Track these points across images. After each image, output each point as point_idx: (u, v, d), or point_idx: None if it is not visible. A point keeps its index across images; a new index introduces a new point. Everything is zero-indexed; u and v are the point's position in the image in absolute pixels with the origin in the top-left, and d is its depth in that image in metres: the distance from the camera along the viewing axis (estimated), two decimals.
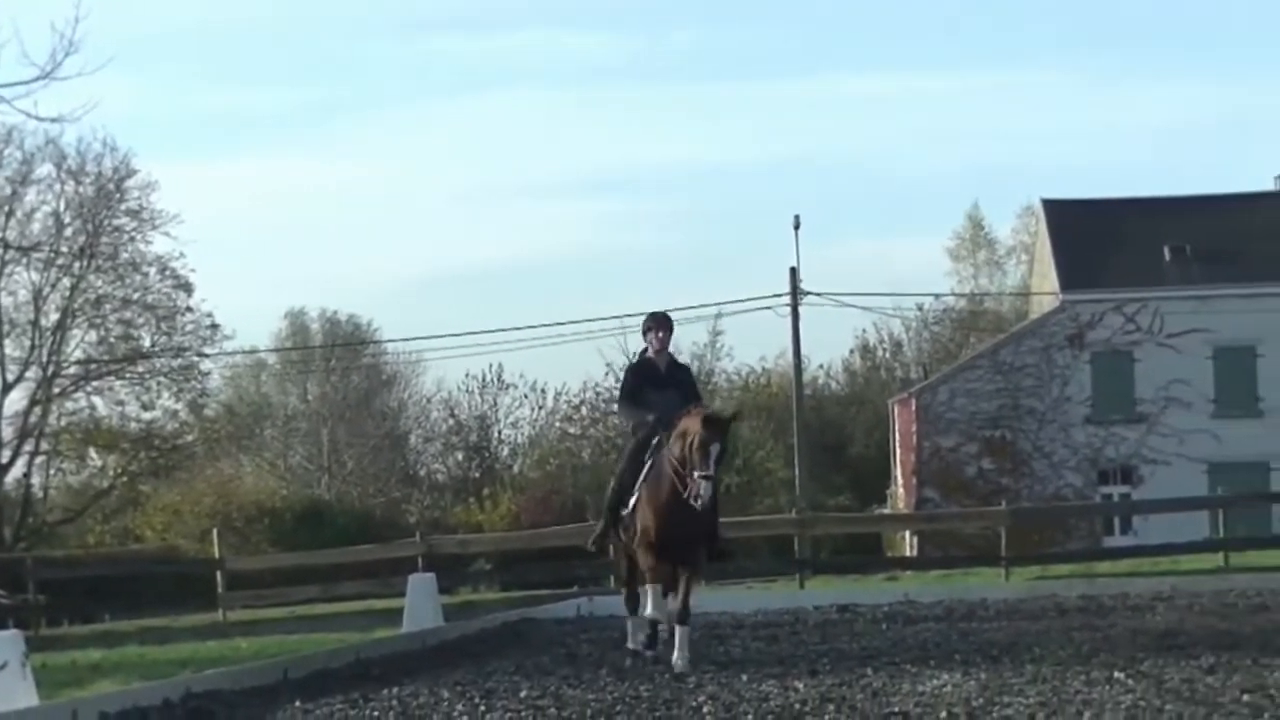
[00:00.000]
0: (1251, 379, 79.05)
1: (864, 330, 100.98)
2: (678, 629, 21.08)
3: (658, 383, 22.42)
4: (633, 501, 21.77)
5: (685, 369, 23.81)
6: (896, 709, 17.29)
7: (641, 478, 21.72)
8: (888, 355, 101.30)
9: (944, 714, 16.71)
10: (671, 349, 23.50)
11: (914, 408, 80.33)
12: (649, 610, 21.75)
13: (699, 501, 20.50)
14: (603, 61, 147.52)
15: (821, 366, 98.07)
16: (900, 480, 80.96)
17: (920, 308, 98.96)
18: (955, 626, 25.88)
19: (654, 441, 21.75)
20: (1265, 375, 78.23)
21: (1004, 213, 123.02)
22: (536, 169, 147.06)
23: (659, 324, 22.70)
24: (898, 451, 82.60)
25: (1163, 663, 19.94)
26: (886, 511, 78.25)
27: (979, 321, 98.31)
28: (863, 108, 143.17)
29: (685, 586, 21.37)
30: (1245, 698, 16.95)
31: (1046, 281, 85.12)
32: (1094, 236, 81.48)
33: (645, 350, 23.27)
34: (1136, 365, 77.29)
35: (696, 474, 20.41)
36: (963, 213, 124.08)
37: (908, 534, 66.13)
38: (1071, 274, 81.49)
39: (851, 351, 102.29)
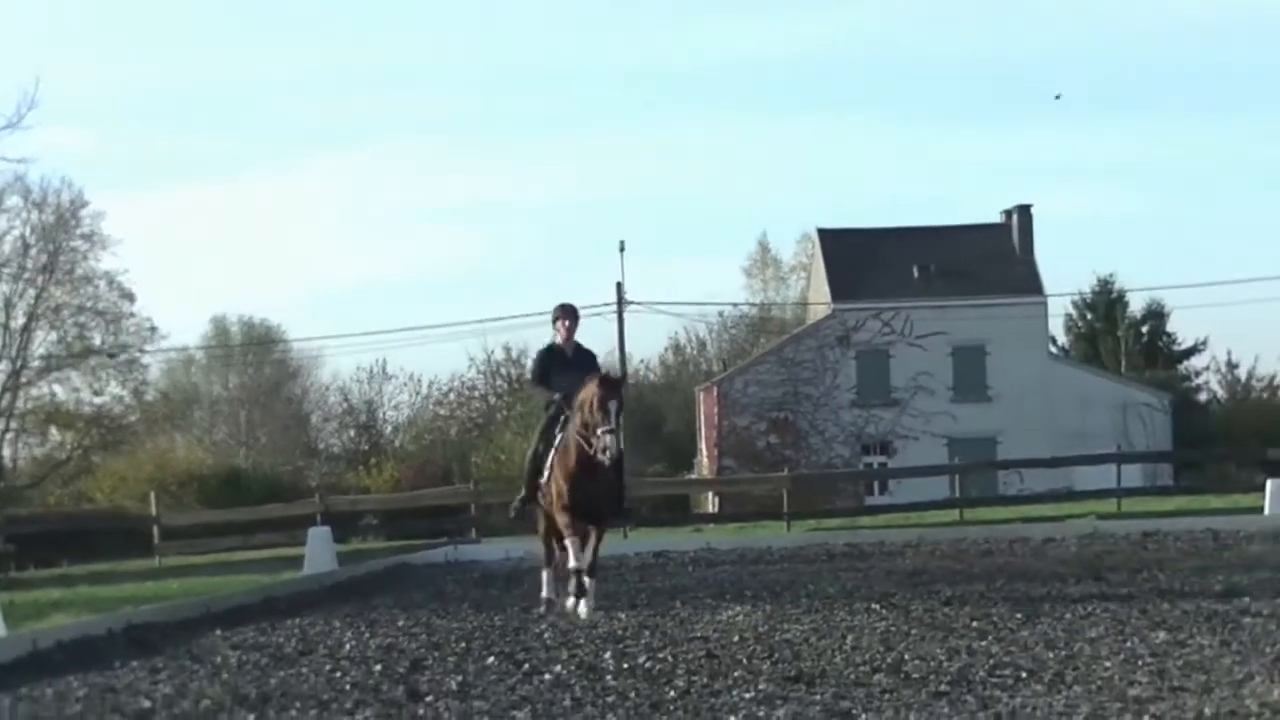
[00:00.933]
0: (981, 372, 79.77)
1: (676, 332, 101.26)
2: (586, 580, 20.04)
3: (564, 366, 21.01)
4: (547, 470, 20.48)
5: (590, 354, 21.87)
6: (699, 634, 17.31)
7: (553, 449, 20.43)
8: (694, 352, 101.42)
9: (736, 638, 16.74)
10: (579, 337, 21.85)
11: (715, 394, 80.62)
12: (572, 563, 20.09)
13: (607, 454, 19.15)
14: (458, 117, 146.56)
15: (642, 361, 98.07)
16: (704, 452, 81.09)
17: (721, 314, 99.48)
18: (747, 569, 25.93)
19: (562, 418, 20.46)
20: (992, 369, 79.15)
21: (787, 239, 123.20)
22: (412, 201, 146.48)
23: (566, 314, 21.46)
24: (703, 429, 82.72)
25: (910, 596, 20.05)
26: (693, 477, 78.25)
27: (767, 326, 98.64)
28: (678, 152, 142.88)
29: (596, 543, 20.46)
30: (974, 624, 17.07)
31: (820, 294, 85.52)
32: (858, 258, 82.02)
33: (554, 337, 21.68)
34: (891, 360, 77.91)
35: (600, 430, 19.07)
36: (754, 239, 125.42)
37: (710, 495, 66.19)
38: (840, 288, 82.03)
39: (665, 349, 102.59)
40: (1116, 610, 17.69)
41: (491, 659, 15.89)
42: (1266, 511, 34.01)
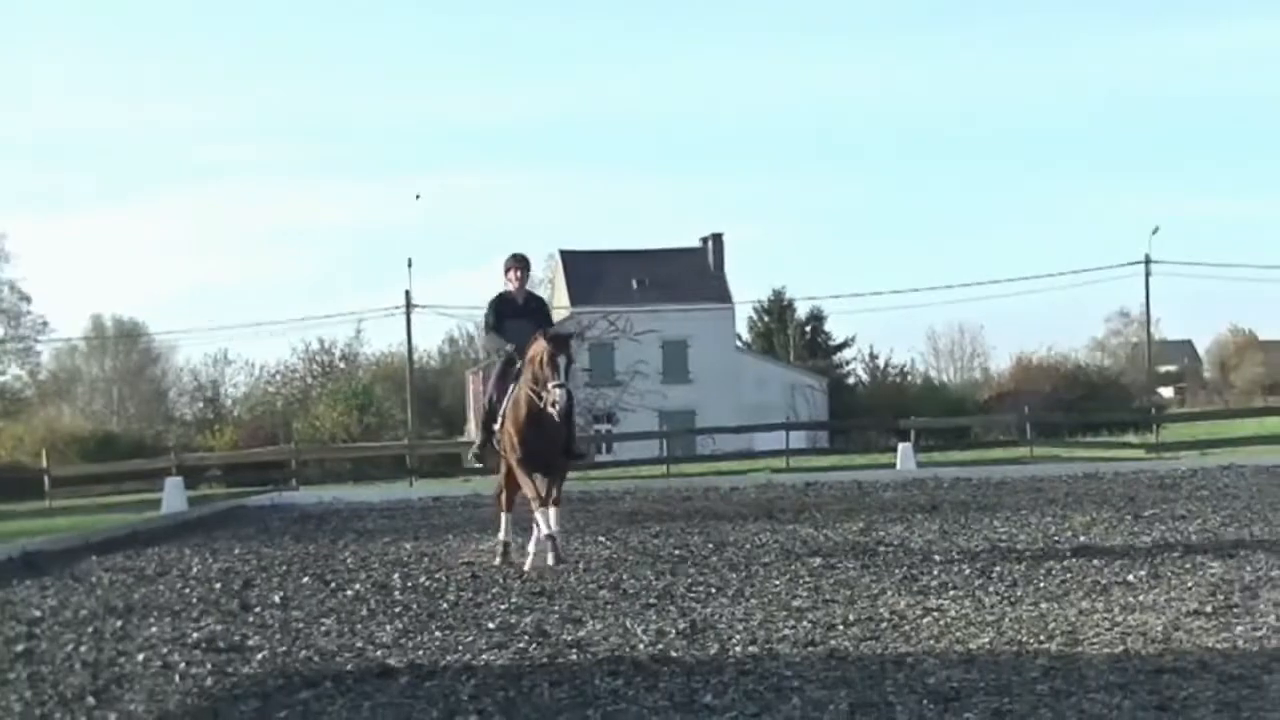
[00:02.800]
0: (684, 360, 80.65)
1: (451, 329, 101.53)
2: (551, 510, 16.67)
3: (515, 313, 17.38)
4: (500, 419, 16.98)
5: (541, 300, 18.60)
6: (466, 560, 17.31)
7: (506, 399, 16.88)
8: (465, 345, 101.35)
9: (497, 560, 16.83)
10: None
11: (481, 377, 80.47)
12: (501, 534, 17.59)
13: (557, 408, 15.88)
14: (284, 160, 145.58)
15: (425, 351, 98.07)
16: (472, 421, 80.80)
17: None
18: None
19: (515, 367, 16.88)
20: (692, 358, 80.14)
21: (538, 257, 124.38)
22: (250, 223, 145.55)
23: (517, 263, 17.57)
24: (471, 403, 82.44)
25: (627, 531, 20.11)
26: (464, 440, 77.92)
27: None
28: (456, 192, 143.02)
29: (556, 488, 16.86)
30: (676, 552, 17.16)
31: (562, 300, 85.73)
32: (590, 272, 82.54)
33: (506, 286, 17.73)
34: (615, 352, 77.95)
35: (550, 384, 15.86)
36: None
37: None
38: (576, 295, 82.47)
39: (443, 342, 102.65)
40: (784, 542, 17.84)
41: (306, 579, 15.81)
42: (898, 467, 34.55)
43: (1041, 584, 13.26)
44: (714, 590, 13.71)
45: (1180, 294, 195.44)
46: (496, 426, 17.12)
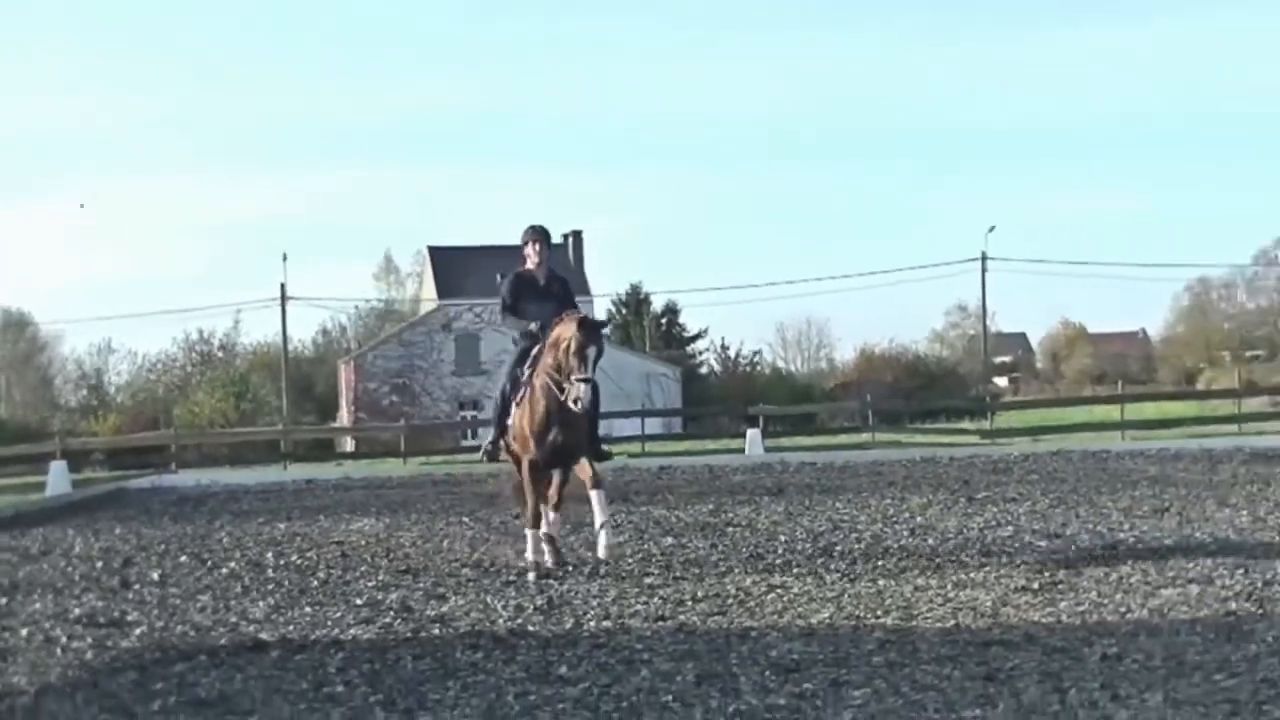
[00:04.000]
0: None
1: (325, 320, 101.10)
2: (594, 493, 13.53)
3: (537, 294, 14.68)
4: (515, 411, 14.10)
5: (563, 280, 15.30)
6: (336, 539, 17.21)
7: (523, 389, 14.01)
8: (338, 335, 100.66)
9: (363, 542, 16.72)
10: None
11: (353, 366, 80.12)
12: (530, 554, 14.00)
13: (579, 404, 13.20)
14: (171, 158, 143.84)
15: (299, 341, 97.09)
16: (345, 407, 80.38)
17: (356, 308, 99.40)
18: (374, 492, 25.73)
19: (534, 352, 14.14)
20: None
21: (405, 253, 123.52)
22: (134, 216, 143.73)
23: (537, 236, 14.80)
24: (343, 391, 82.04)
25: (490, 512, 20.08)
26: (336, 425, 77.54)
27: (390, 316, 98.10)
28: (328, 189, 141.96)
29: (591, 470, 13.66)
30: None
31: (429, 293, 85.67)
32: (457, 267, 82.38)
33: (524, 263, 15.06)
34: (481, 342, 77.96)
35: (575, 377, 13.20)
36: (382, 252, 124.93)
37: (349, 439, 65.43)
38: (444, 288, 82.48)
39: (317, 332, 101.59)
40: (638, 522, 17.92)
41: (184, 557, 15.71)
42: (746, 452, 34.70)
43: (879, 562, 13.37)
44: (570, 568, 13.77)
45: (1015, 289, 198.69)
46: (510, 420, 14.12)
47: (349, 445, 63.07)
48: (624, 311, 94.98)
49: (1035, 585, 11.51)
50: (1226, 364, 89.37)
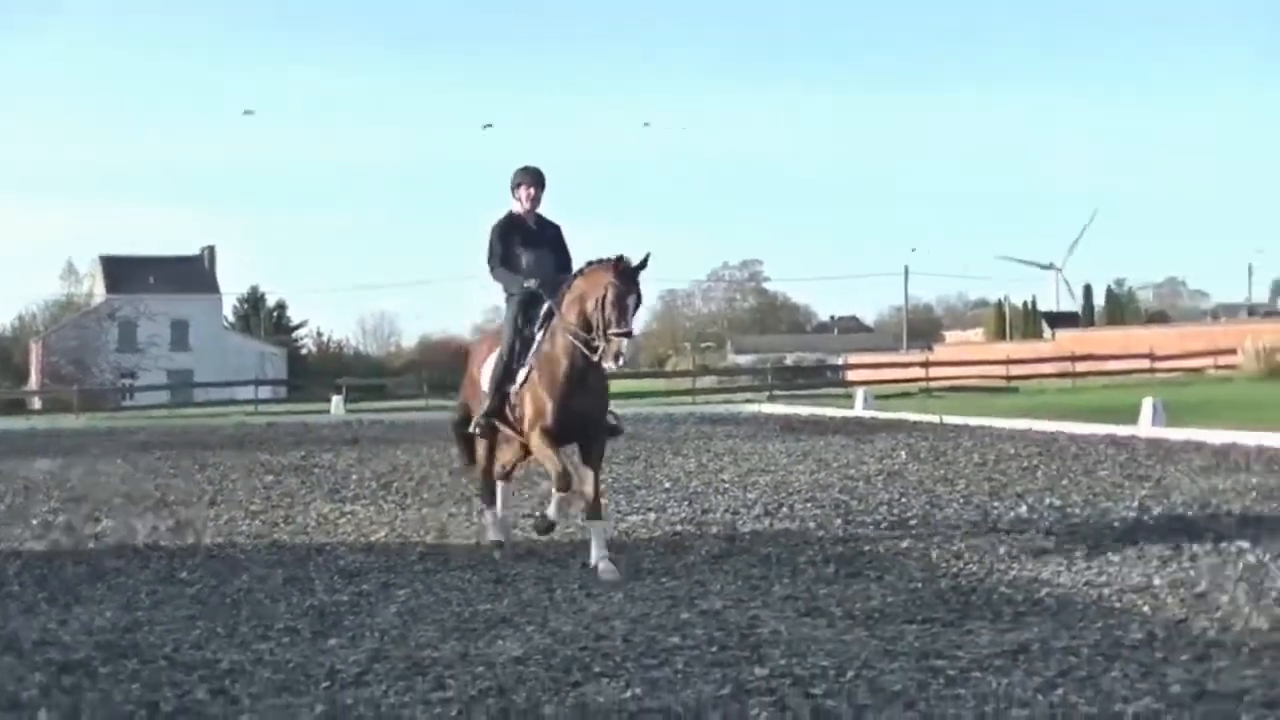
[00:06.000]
0: (186, 336, 78.41)
1: (21, 308, 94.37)
2: (593, 526, 8.72)
3: (529, 242, 9.38)
4: (522, 377, 9.01)
5: (556, 227, 9.57)
6: (22, 474, 16.30)
7: (533, 351, 8.99)
8: (30, 320, 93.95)
9: (41, 477, 15.86)
10: None
11: (41, 344, 75.45)
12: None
13: (619, 361, 8.42)
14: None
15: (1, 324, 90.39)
16: (34, 375, 74.78)
17: (45, 300, 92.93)
18: (53, 440, 24.29)
19: (541, 310, 9.08)
20: (192, 334, 77.61)
21: (84, 259, 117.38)
22: None
23: (528, 177, 9.41)
24: (34, 362, 76.41)
25: (139, 456, 19.21)
26: (27, 388, 72.75)
27: (70, 307, 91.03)
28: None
29: (595, 480, 8.81)
30: (171, 470, 16.60)
31: (102, 291, 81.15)
32: (121, 271, 79.32)
33: (513, 207, 9.48)
34: (138, 329, 75.16)
35: (613, 331, 8.35)
36: (65, 259, 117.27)
37: (37, 399, 60.83)
38: (111, 287, 79.17)
39: (14, 318, 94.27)
40: (248, 464, 17.45)
41: None
42: (332, 412, 34.29)
43: (425, 495, 13.19)
44: (196, 498, 13.41)
45: None
46: (513, 388, 9.13)
47: (37, 404, 59.28)
48: (246, 306, 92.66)
49: (537, 514, 11.17)
50: (687, 351, 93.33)
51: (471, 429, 9.50)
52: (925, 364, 48.60)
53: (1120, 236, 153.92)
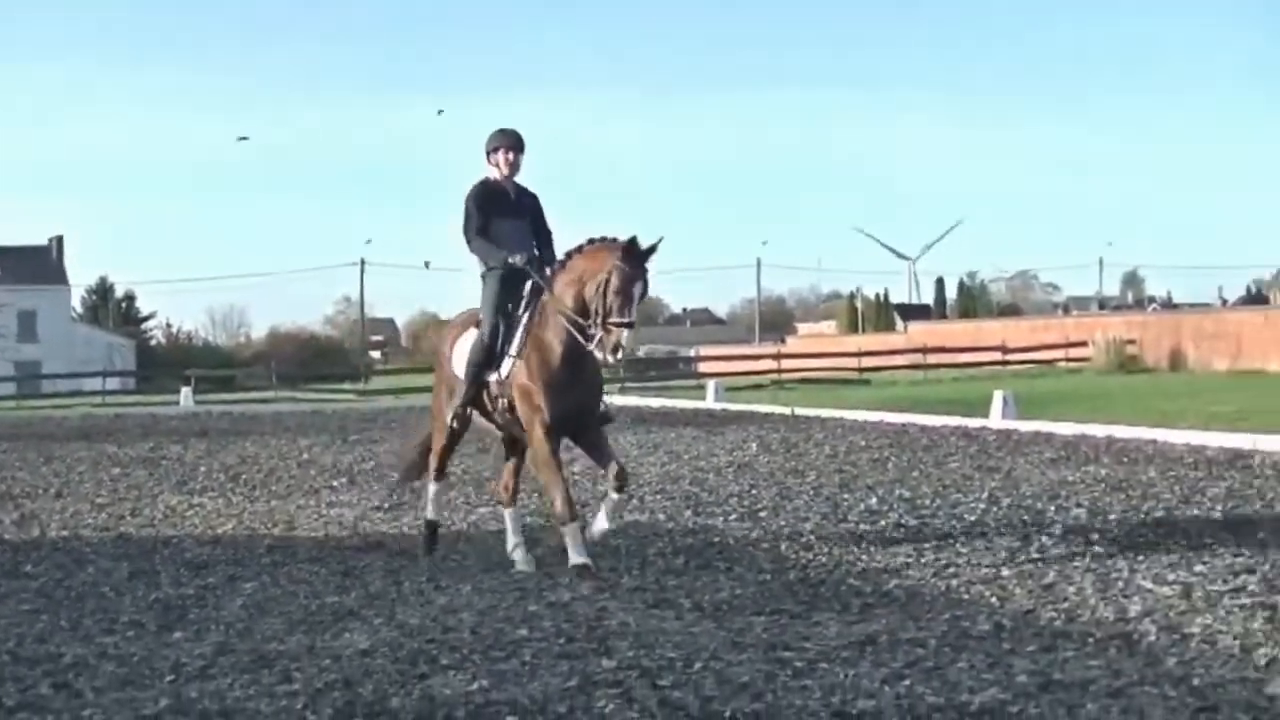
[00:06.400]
0: (34, 327, 75.54)
1: None
2: (616, 498, 7.62)
3: (506, 210, 7.90)
4: (509, 366, 7.63)
5: (534, 196, 8.06)
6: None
7: (517, 334, 7.64)
8: None
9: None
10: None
11: None
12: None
13: (618, 355, 7.14)
14: None
15: None
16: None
17: None
18: None
19: (526, 287, 7.73)
20: (40, 325, 74.67)
21: None
22: None
23: (508, 140, 7.93)
24: None
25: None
26: None
27: None
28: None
29: (609, 451, 7.63)
30: (17, 463, 15.86)
31: None
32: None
33: (489, 173, 7.99)
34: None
35: (613, 321, 7.07)
36: None
37: None
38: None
39: None
40: (95, 456, 16.80)
41: None
42: (181, 404, 33.25)
43: (273, 487, 12.76)
44: (41, 491, 12.77)
45: (388, 285, 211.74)
46: (496, 377, 7.75)
47: None
48: (95, 297, 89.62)
49: (386, 506, 10.99)
50: None
51: (449, 421, 8.10)
52: (777, 356, 46.85)
53: (973, 230, 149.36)
